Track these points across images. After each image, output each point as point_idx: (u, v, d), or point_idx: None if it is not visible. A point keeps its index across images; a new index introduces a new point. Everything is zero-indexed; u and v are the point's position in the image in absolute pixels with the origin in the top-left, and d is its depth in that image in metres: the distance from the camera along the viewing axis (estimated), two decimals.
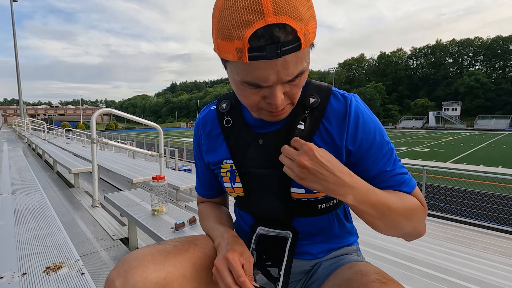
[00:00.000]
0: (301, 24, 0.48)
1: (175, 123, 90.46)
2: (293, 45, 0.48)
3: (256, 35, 0.47)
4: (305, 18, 0.48)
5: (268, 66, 0.49)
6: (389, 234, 0.64)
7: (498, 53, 70.09)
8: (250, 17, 0.46)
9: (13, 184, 2.38)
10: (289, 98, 0.57)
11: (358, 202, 0.57)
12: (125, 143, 12.07)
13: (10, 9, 17.69)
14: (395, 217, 0.60)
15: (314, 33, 0.52)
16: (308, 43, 0.50)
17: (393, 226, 0.61)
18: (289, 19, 0.47)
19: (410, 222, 0.63)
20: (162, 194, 1.81)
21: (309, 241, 0.74)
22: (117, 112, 3.34)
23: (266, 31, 0.46)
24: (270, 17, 0.46)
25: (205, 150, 0.79)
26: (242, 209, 0.80)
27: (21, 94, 18.22)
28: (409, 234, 0.65)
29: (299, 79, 0.55)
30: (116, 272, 0.58)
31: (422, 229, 0.66)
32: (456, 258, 2.15)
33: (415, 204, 0.64)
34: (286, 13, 0.46)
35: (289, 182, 0.68)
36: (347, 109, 0.64)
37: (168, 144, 13.87)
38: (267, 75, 0.51)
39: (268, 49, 0.47)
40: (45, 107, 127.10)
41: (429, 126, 58.04)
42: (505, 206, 6.49)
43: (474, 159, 15.83)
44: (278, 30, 0.46)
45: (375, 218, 0.59)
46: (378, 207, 0.58)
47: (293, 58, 0.49)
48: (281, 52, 0.48)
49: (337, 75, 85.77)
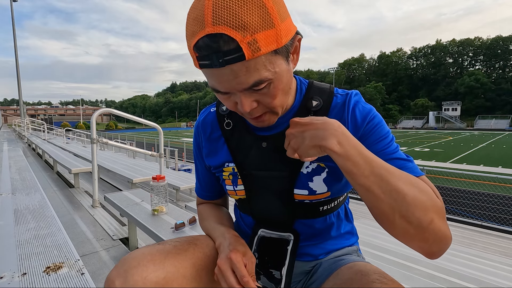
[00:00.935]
0: (244, 34, 0.46)
1: (175, 123, 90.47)
2: (235, 55, 0.47)
3: (198, 45, 0.48)
4: (251, 26, 0.46)
5: (217, 74, 0.51)
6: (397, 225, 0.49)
7: (498, 53, 70.10)
8: (195, 28, 0.48)
9: (13, 184, 2.38)
10: (265, 106, 0.57)
11: (347, 150, 0.50)
12: (125, 143, 12.07)
13: (10, 9, 17.70)
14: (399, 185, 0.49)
15: (274, 41, 0.49)
16: (257, 53, 0.48)
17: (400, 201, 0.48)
18: (228, 29, 0.46)
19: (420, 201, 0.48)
20: (162, 194, 1.81)
21: (310, 242, 0.74)
22: (117, 112, 3.34)
23: (205, 41, 0.47)
24: (209, 27, 0.47)
25: (206, 153, 0.79)
26: (244, 211, 0.80)
27: (21, 94, 18.22)
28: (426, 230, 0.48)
29: (267, 88, 0.54)
30: (115, 272, 0.58)
31: (443, 227, 0.50)
32: (456, 258, 2.15)
33: (424, 186, 0.52)
34: (225, 22, 0.46)
35: (293, 183, 0.67)
36: (345, 102, 0.65)
37: (168, 144, 13.86)
38: (219, 82, 0.52)
39: (211, 58, 0.48)
40: (45, 107, 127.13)
41: (429, 126, 58.03)
42: (505, 206, 6.49)
43: (474, 159, 15.83)
44: (216, 40, 0.47)
45: (373, 184, 0.49)
46: (374, 165, 0.50)
47: (241, 67, 0.49)
48: (223, 62, 0.48)
49: (337, 75, 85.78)
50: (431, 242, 0.49)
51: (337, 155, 0.50)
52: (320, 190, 0.67)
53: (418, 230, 0.48)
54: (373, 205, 0.51)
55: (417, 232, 0.49)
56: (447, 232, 0.50)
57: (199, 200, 0.91)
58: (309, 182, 0.67)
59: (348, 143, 0.51)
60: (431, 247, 0.50)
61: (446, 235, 0.50)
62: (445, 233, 0.50)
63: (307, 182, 0.67)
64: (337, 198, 0.73)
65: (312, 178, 0.67)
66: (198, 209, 0.90)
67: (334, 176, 0.67)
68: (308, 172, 0.67)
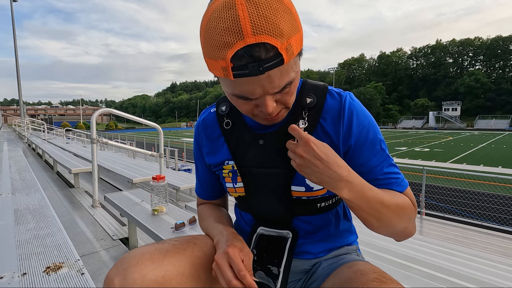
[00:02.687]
0: (282, 40, 0.48)
1: (175, 123, 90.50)
2: (275, 61, 0.49)
3: (237, 55, 0.48)
4: (286, 32, 0.49)
5: (253, 81, 0.51)
6: (381, 232, 0.65)
7: (498, 53, 70.13)
8: (230, 39, 0.48)
9: (13, 184, 2.38)
10: (282, 104, 0.60)
11: (354, 197, 0.57)
12: (125, 143, 12.07)
13: (10, 9, 17.70)
14: (388, 214, 0.61)
15: (299, 44, 0.53)
16: (292, 56, 0.51)
17: (385, 223, 0.62)
18: (269, 38, 0.47)
19: (401, 221, 0.63)
20: (162, 194, 1.81)
21: (309, 240, 0.75)
22: (117, 112, 3.34)
23: (246, 51, 0.48)
24: (249, 38, 0.47)
25: (206, 152, 0.80)
26: (243, 209, 0.81)
27: (21, 94, 18.22)
28: (399, 233, 0.66)
29: (289, 88, 0.56)
30: (115, 271, 0.58)
31: (412, 229, 0.67)
32: (456, 258, 2.15)
33: (406, 203, 0.65)
34: (265, 31, 0.47)
35: (290, 180, 0.68)
36: (341, 107, 0.66)
37: (168, 144, 13.86)
38: (252, 89, 0.53)
39: (250, 67, 0.49)
40: (45, 107, 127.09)
41: (429, 126, 58.05)
42: (505, 206, 6.50)
43: (474, 159, 15.83)
44: (259, 49, 0.48)
45: (369, 215, 0.60)
46: (373, 203, 0.59)
47: (277, 72, 0.51)
48: (263, 69, 0.49)
49: (337, 75, 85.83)
50: (401, 237, 0.68)
51: (346, 200, 0.58)
52: (316, 186, 0.68)
53: (395, 233, 0.66)
54: (365, 223, 0.63)
55: (394, 234, 0.67)
56: (413, 229, 0.68)
57: (199, 200, 0.92)
58: (305, 179, 0.67)
59: (356, 190, 0.58)
60: (400, 239, 0.69)
61: (412, 232, 0.67)
62: (411, 232, 0.67)
63: (304, 178, 0.67)
64: (335, 196, 0.73)
65: None
66: (198, 209, 0.90)
67: None
68: None
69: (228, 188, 0.77)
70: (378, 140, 0.66)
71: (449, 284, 1.55)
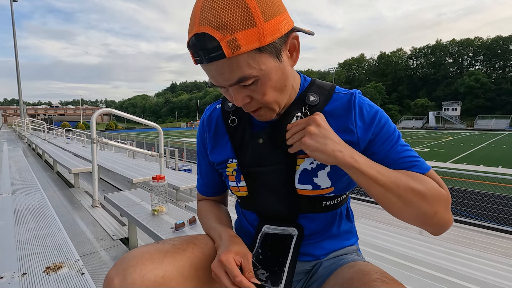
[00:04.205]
0: (224, 33, 0.49)
1: (175, 123, 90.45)
2: (217, 53, 0.51)
3: (189, 43, 0.53)
4: (230, 26, 0.49)
5: (207, 69, 0.56)
6: (410, 218, 0.60)
7: (498, 53, 70.08)
8: (189, 27, 0.53)
9: (13, 184, 2.38)
10: (259, 101, 0.60)
11: (365, 164, 0.58)
12: (125, 143, 12.06)
13: (10, 9, 17.70)
14: (409, 191, 0.57)
15: (256, 40, 0.51)
16: (237, 51, 0.50)
17: (409, 202, 0.57)
18: (209, 28, 0.50)
19: (427, 202, 0.58)
20: (162, 194, 1.81)
21: (311, 241, 0.74)
22: (117, 112, 3.34)
23: (193, 40, 0.52)
24: (196, 27, 0.51)
25: (210, 149, 0.79)
26: (247, 208, 0.80)
27: (21, 94, 18.22)
28: (431, 219, 0.59)
29: (256, 84, 0.56)
30: (114, 271, 0.58)
31: (445, 215, 0.60)
32: (456, 258, 2.15)
33: (430, 182, 0.60)
34: (208, 22, 0.50)
35: (292, 175, 0.68)
36: (351, 103, 0.67)
37: (168, 144, 13.86)
38: (210, 77, 0.57)
39: (200, 55, 0.53)
40: (45, 107, 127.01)
41: (429, 126, 58.01)
42: (505, 206, 6.49)
43: (474, 159, 15.83)
44: (202, 39, 0.51)
45: (387, 191, 0.57)
46: (388, 175, 0.58)
47: (224, 64, 0.52)
48: (209, 58, 0.52)
49: (337, 75, 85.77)
50: (436, 227, 0.61)
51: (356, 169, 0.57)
52: (324, 185, 0.68)
53: (425, 220, 0.60)
54: (386, 206, 0.60)
55: (424, 221, 0.60)
56: (449, 218, 0.61)
57: (199, 196, 0.92)
58: (314, 177, 0.68)
59: (367, 161, 0.59)
60: (435, 230, 0.62)
61: (448, 220, 0.61)
62: (447, 219, 0.61)
63: (312, 177, 0.68)
64: (340, 196, 0.73)
65: (316, 173, 0.68)
66: (198, 206, 0.90)
67: (338, 170, 0.67)
68: (313, 168, 0.67)
69: (232, 187, 0.76)
70: (392, 128, 0.66)
71: (449, 284, 1.54)
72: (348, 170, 0.59)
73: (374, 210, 5.68)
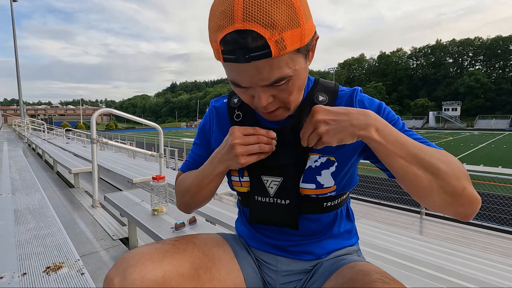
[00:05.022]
0: (272, 31, 0.47)
1: (175, 123, 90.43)
2: (262, 52, 0.48)
3: (225, 39, 0.49)
4: (279, 24, 0.47)
5: (241, 69, 0.52)
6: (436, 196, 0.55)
7: (498, 53, 70.11)
8: (222, 22, 0.49)
9: (13, 184, 2.38)
10: (280, 101, 0.59)
11: (385, 137, 0.55)
12: (125, 143, 12.06)
13: (10, 9, 17.69)
14: (433, 161, 0.54)
15: (299, 40, 0.50)
16: (283, 51, 0.49)
17: (436, 175, 0.53)
18: (257, 26, 0.47)
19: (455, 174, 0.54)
20: (162, 194, 1.81)
21: (312, 240, 0.74)
22: (117, 112, 3.34)
23: (234, 36, 0.48)
24: (238, 23, 0.47)
25: (214, 138, 0.78)
26: (247, 205, 0.79)
27: (21, 94, 18.21)
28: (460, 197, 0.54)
29: (286, 84, 0.55)
30: (114, 271, 0.58)
31: (474, 191, 0.55)
32: (456, 258, 2.15)
33: (450, 155, 0.58)
34: (255, 19, 0.47)
35: (299, 176, 0.68)
36: (353, 97, 0.68)
37: (168, 144, 13.86)
38: (241, 77, 0.53)
39: (237, 53, 0.49)
40: (45, 107, 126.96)
41: (429, 126, 58.00)
42: (505, 206, 6.49)
43: (474, 159, 15.83)
44: (246, 36, 0.47)
45: (410, 164, 0.54)
46: (409, 146, 0.55)
47: (265, 64, 0.50)
48: (249, 58, 0.49)
49: (337, 75, 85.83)
50: (466, 206, 0.55)
51: (376, 142, 0.54)
52: (327, 184, 0.68)
53: (454, 198, 0.54)
54: (412, 183, 0.55)
55: (454, 200, 0.54)
56: (477, 194, 0.56)
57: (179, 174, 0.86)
58: (317, 176, 0.67)
59: (386, 130, 0.55)
60: (466, 210, 0.55)
61: (477, 197, 0.55)
62: (476, 196, 0.55)
63: (315, 176, 0.67)
64: (341, 196, 0.73)
65: (320, 172, 0.67)
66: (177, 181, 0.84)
67: (341, 169, 0.68)
68: (317, 166, 0.67)
69: (233, 181, 0.75)
70: (397, 117, 0.67)
71: (449, 284, 1.55)
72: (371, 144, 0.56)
73: (374, 210, 5.68)
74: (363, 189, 7.51)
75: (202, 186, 0.72)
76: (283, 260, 0.76)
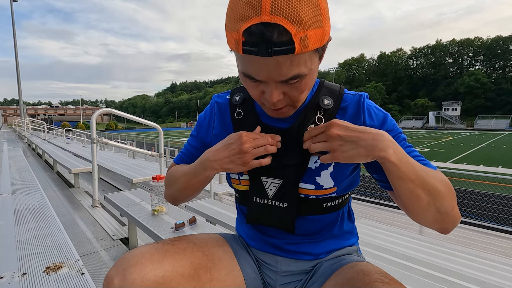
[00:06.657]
0: (298, 28, 0.47)
1: (175, 123, 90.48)
2: (286, 48, 0.48)
3: (249, 30, 0.48)
4: (306, 22, 0.47)
5: (260, 62, 0.51)
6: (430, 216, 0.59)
7: (498, 53, 70.09)
8: (248, 12, 0.48)
9: (13, 184, 2.38)
10: (290, 99, 0.59)
11: (399, 158, 0.55)
12: (125, 143, 12.07)
13: (10, 9, 17.69)
14: (435, 184, 0.57)
15: (318, 40, 0.51)
16: (306, 49, 0.49)
17: (435, 196, 0.57)
18: (285, 21, 0.46)
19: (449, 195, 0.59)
20: (162, 194, 1.81)
21: (311, 240, 0.74)
22: (117, 112, 3.33)
23: (259, 28, 0.47)
24: (265, 16, 0.47)
25: (215, 134, 0.77)
26: (245, 204, 0.78)
27: (21, 94, 18.20)
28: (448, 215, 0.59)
29: (299, 82, 0.55)
30: (114, 271, 0.58)
31: (457, 210, 0.61)
32: (456, 258, 2.15)
33: (444, 177, 0.61)
34: (283, 14, 0.46)
35: (299, 176, 0.68)
36: (360, 104, 0.67)
37: (168, 144, 13.87)
38: (258, 70, 0.53)
39: (259, 46, 0.48)
40: (45, 107, 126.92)
41: (429, 126, 58.01)
42: (505, 206, 6.49)
43: (474, 159, 15.83)
44: (272, 30, 0.47)
45: (416, 186, 0.56)
46: (417, 168, 0.57)
47: (286, 60, 0.50)
48: (272, 52, 0.48)
49: (337, 75, 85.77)
50: (450, 223, 0.60)
51: (393, 164, 0.55)
52: (326, 185, 0.67)
53: (444, 216, 0.59)
54: (412, 203, 0.58)
55: (443, 218, 0.59)
56: (459, 213, 0.62)
57: (172, 165, 0.85)
58: (316, 177, 0.67)
59: (400, 152, 0.56)
60: (450, 226, 0.61)
61: (459, 216, 0.61)
62: (459, 214, 0.62)
63: (315, 176, 0.67)
64: (342, 196, 0.73)
65: (320, 173, 0.67)
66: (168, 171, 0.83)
67: (340, 170, 0.68)
68: (316, 167, 0.67)
69: (232, 179, 0.75)
70: (400, 131, 0.67)
71: (449, 284, 1.54)
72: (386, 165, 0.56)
73: (374, 210, 5.68)
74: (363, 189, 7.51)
75: (190, 184, 0.73)
76: (283, 261, 0.75)
